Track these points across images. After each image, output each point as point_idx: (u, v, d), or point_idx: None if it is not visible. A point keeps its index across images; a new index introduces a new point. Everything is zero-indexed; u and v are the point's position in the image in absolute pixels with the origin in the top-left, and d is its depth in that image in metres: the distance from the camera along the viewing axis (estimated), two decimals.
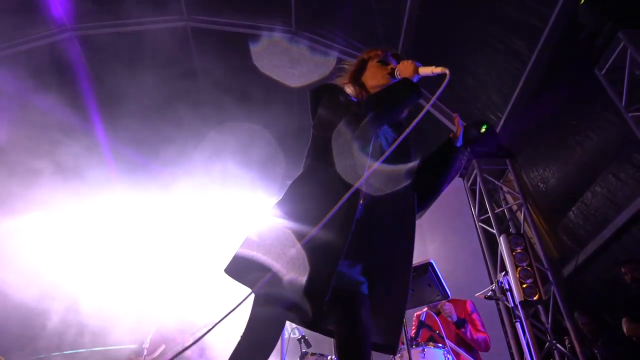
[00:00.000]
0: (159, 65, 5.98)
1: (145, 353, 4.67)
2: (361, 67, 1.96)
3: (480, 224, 5.76)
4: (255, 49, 6.01)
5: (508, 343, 5.03)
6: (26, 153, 5.81)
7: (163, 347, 5.18)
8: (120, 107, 5.98)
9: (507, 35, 4.88)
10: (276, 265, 1.51)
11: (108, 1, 5.73)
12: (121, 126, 6.17)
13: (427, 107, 1.67)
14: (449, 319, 3.68)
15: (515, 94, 5.13)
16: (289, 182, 1.78)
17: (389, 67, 1.89)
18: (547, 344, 4.89)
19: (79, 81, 6.16)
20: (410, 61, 1.77)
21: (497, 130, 5.64)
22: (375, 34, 5.76)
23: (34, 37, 5.64)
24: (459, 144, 1.91)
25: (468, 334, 3.68)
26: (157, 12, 5.93)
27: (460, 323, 3.69)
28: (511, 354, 4.98)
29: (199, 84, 6.49)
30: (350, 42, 6.05)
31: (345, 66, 2.04)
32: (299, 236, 1.53)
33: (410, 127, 1.56)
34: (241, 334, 1.53)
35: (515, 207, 5.63)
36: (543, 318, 5.02)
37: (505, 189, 5.72)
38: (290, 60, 6.34)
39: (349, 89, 1.92)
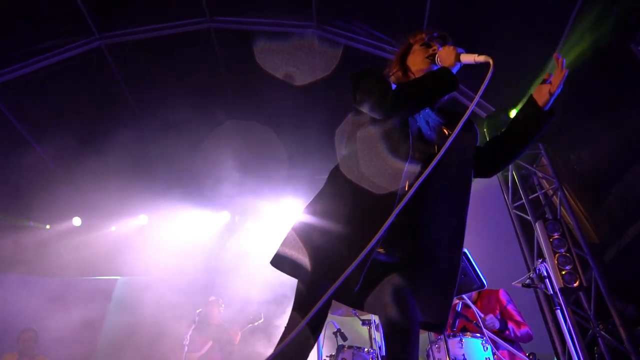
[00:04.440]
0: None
1: (186, 350, 4.80)
2: (406, 51, 1.96)
3: (514, 210, 5.63)
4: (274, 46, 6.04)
5: (549, 331, 4.91)
6: None
7: (210, 343, 5.30)
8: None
9: (537, 16, 4.72)
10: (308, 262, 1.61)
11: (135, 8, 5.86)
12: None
13: (472, 106, 1.59)
14: (493, 328, 3.60)
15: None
16: (318, 178, 1.81)
17: (431, 50, 1.87)
18: (590, 331, 4.75)
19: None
20: (452, 47, 1.73)
21: None
22: (398, 22, 5.68)
23: (65, 48, 5.84)
24: (548, 106, 1.77)
25: (512, 334, 3.61)
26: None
27: (503, 327, 3.61)
28: (552, 342, 4.87)
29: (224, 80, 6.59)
30: (371, 33, 5.99)
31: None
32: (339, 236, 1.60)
33: (454, 132, 1.44)
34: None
35: (550, 192, 5.47)
36: (585, 305, 4.87)
37: (539, 174, 5.56)
38: (311, 55, 6.34)
39: (394, 77, 1.93)
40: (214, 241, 7.67)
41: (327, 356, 3.43)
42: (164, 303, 6.75)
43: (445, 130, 1.88)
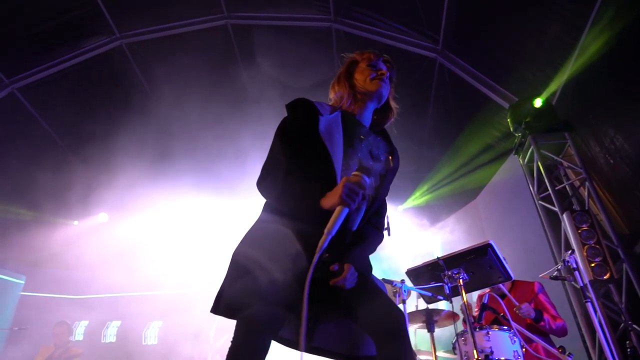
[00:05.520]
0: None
1: (211, 342, 4.87)
2: (351, 68, 1.92)
3: (540, 202, 5.50)
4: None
5: (578, 325, 4.80)
6: None
7: (226, 336, 5.39)
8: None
9: (561, 3, 4.57)
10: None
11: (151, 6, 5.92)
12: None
13: None
14: (528, 317, 3.54)
15: (572, 62, 4.81)
16: None
17: (379, 72, 1.84)
18: (622, 324, 4.61)
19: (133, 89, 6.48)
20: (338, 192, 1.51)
21: (553, 102, 5.34)
22: (417, 13, 5.60)
23: (86, 48, 5.96)
24: None
25: (547, 326, 3.53)
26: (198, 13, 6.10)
27: (539, 317, 3.54)
28: (582, 336, 4.75)
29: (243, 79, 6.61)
30: (392, 25, 5.92)
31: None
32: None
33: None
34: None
35: (577, 183, 5.32)
36: (616, 298, 4.73)
37: (565, 164, 5.41)
38: (329, 51, 6.31)
39: (336, 98, 1.89)
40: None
41: None
42: None
43: (390, 160, 1.83)
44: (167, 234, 7.93)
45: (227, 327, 5.44)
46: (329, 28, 6.18)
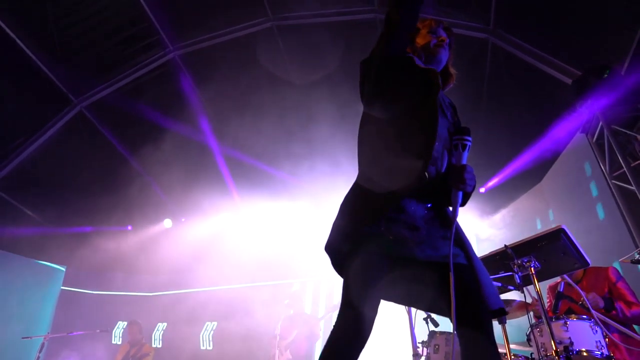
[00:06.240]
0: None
1: (278, 339, 5.00)
2: (414, 35, 1.98)
3: (613, 181, 5.12)
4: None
5: None
6: None
7: (295, 332, 5.50)
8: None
9: None
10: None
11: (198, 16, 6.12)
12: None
13: None
14: (598, 307, 3.30)
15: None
16: None
17: (439, 38, 1.92)
18: None
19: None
20: None
21: (622, 72, 4.94)
22: None
23: (146, 61, 6.28)
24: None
25: (620, 314, 3.27)
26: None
27: (609, 306, 3.29)
28: None
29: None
30: (440, 10, 5.74)
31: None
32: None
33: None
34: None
35: None
36: None
37: None
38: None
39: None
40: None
41: (419, 342, 3.36)
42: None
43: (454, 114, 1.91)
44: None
45: (291, 324, 5.56)
46: (373, 19, 6.10)
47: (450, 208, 1.63)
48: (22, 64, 5.47)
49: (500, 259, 3.07)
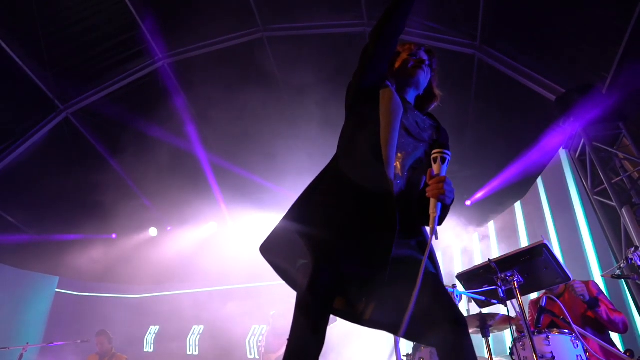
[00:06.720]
0: None
1: (262, 351, 4.93)
2: (393, 60, 1.96)
3: (595, 197, 5.22)
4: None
5: None
6: None
7: (284, 349, 5.43)
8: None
9: None
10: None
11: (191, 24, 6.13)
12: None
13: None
14: (581, 298, 3.37)
15: (622, 48, 4.56)
16: None
17: (417, 60, 1.90)
18: None
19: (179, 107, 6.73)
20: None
21: (603, 91, 5.07)
22: (454, 11, 5.50)
23: (135, 69, 6.25)
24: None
25: (604, 314, 3.34)
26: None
27: (594, 303, 3.36)
28: None
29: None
30: (427, 25, 5.84)
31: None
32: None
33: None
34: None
35: (636, 175, 5.02)
36: None
37: (621, 155, 5.12)
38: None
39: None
40: None
41: (404, 356, 3.37)
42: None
43: (436, 133, 1.88)
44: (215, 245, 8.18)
45: (278, 340, 5.52)
46: (362, 32, 6.18)
47: (428, 228, 1.60)
48: (8, 69, 5.41)
49: (484, 272, 3.11)
